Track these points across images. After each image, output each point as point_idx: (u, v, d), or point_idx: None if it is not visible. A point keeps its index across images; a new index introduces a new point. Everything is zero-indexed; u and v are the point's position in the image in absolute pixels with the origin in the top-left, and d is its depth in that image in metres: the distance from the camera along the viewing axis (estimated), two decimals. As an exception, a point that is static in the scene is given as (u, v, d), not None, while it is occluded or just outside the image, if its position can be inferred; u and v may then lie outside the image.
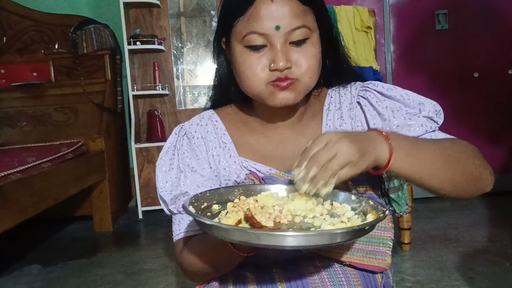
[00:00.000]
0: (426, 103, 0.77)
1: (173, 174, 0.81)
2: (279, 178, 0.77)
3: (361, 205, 0.64)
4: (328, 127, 0.82)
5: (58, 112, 3.09)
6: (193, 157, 0.81)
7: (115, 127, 3.18)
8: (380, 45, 3.07)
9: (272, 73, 0.71)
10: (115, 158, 3.10)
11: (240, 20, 0.73)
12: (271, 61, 0.71)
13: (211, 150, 0.82)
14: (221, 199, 0.68)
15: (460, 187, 0.68)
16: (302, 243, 0.50)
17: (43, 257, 2.37)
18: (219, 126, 0.84)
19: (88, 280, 2.01)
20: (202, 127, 0.84)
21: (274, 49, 0.71)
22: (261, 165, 0.80)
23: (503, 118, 3.12)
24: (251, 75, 0.73)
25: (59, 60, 3.19)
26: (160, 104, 3.43)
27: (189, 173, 0.80)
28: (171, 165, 0.81)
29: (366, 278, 0.75)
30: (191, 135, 0.83)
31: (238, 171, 0.80)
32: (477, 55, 3.11)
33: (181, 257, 0.79)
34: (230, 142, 0.82)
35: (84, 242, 2.67)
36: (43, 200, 2.06)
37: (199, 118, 0.86)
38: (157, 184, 0.82)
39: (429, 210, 2.82)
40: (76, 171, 2.49)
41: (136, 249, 2.44)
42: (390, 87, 0.79)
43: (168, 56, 3.43)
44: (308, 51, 0.73)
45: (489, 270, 1.81)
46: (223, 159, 0.81)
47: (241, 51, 0.74)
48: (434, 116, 0.77)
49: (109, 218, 2.86)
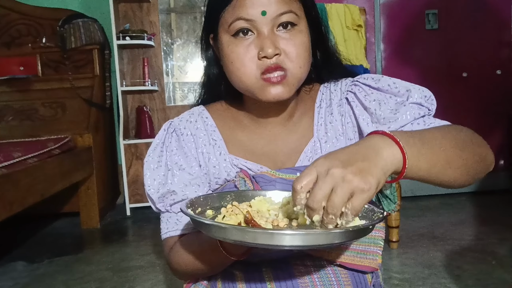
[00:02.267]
0: (413, 89, 0.74)
1: (161, 172, 0.79)
2: (270, 176, 0.76)
3: None
4: (320, 125, 0.80)
5: (45, 107, 3.05)
6: (181, 155, 0.80)
7: (104, 123, 3.14)
8: (370, 44, 3.08)
9: (262, 62, 0.69)
10: (103, 154, 3.07)
11: (226, 9, 0.72)
12: (259, 49, 0.69)
13: (201, 148, 0.80)
14: (214, 204, 0.67)
15: (473, 170, 0.64)
16: (302, 243, 0.49)
17: (28, 254, 2.33)
18: (209, 123, 0.82)
19: (74, 277, 1.99)
20: (191, 124, 0.82)
21: (262, 36, 0.70)
22: (252, 163, 0.79)
23: (491, 118, 3.15)
24: (240, 65, 0.71)
25: (47, 54, 3.14)
26: (149, 100, 3.41)
27: (177, 171, 0.79)
28: (159, 162, 0.80)
29: (356, 278, 0.74)
30: (180, 132, 0.81)
31: (228, 169, 0.79)
32: (466, 55, 3.13)
33: (170, 256, 0.79)
34: (220, 139, 0.81)
35: (70, 239, 2.64)
36: (29, 196, 2.03)
37: (188, 114, 0.84)
38: (145, 181, 0.80)
39: (417, 208, 2.84)
40: (63, 167, 2.46)
41: (123, 246, 2.42)
42: (378, 78, 0.77)
43: (158, 52, 3.40)
44: (297, 38, 0.71)
45: (476, 267, 1.83)
46: (213, 156, 0.80)
47: (229, 41, 0.72)
48: (423, 102, 0.74)
49: (97, 215, 2.83)
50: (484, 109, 3.14)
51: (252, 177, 0.77)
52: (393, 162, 0.53)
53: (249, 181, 0.76)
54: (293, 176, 0.74)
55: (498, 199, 3.04)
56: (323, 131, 0.80)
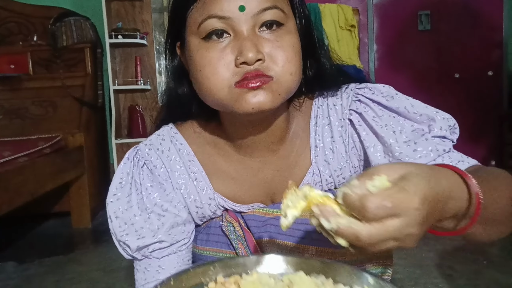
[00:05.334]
0: (437, 118, 0.60)
1: (134, 214, 0.65)
2: (263, 216, 0.66)
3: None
4: (318, 149, 0.66)
5: (36, 106, 3.01)
6: (161, 193, 0.66)
7: (95, 122, 3.12)
8: (363, 44, 3.09)
9: (239, 70, 0.55)
10: (94, 154, 3.05)
11: (194, 6, 0.58)
12: (237, 53, 0.55)
13: (178, 184, 0.67)
14: (197, 281, 0.51)
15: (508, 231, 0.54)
16: None
17: (19, 254, 2.31)
18: (185, 151, 0.68)
19: (65, 277, 1.96)
20: (164, 154, 0.67)
21: (240, 37, 0.56)
22: (241, 205, 0.68)
23: (483, 119, 3.17)
24: (211, 73, 0.56)
25: (38, 53, 3.11)
26: (141, 100, 3.38)
27: (160, 213, 0.65)
28: (129, 202, 0.66)
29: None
30: (152, 165, 0.67)
31: (214, 208, 0.68)
32: (458, 56, 3.15)
33: None
34: (201, 171, 0.67)
35: (61, 239, 2.61)
36: (19, 195, 2.00)
37: (158, 139, 0.69)
38: (112, 227, 0.66)
39: (409, 209, 2.85)
40: (54, 166, 2.43)
41: (114, 246, 2.38)
42: (391, 95, 0.62)
43: (151, 51, 3.38)
44: (285, 40, 0.57)
45: (467, 267, 1.84)
46: (194, 195, 0.67)
47: (198, 46, 0.58)
48: (447, 134, 0.60)
49: (88, 215, 2.80)
50: (475, 110, 3.16)
51: (241, 217, 0.68)
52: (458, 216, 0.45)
53: (238, 226, 0.67)
54: None
55: (489, 199, 3.06)
56: (322, 157, 0.66)
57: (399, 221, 0.39)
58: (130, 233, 0.65)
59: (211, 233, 0.70)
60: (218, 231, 0.69)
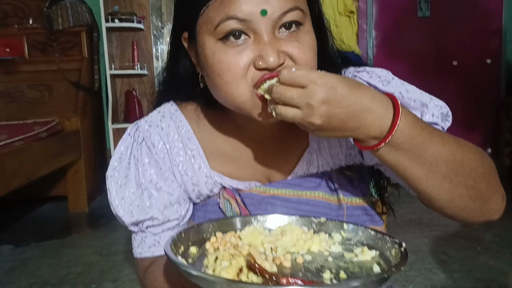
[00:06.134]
0: (430, 105, 0.61)
1: (130, 190, 0.67)
2: (259, 194, 0.67)
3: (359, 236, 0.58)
4: None
5: (31, 89, 2.99)
6: (156, 171, 0.67)
7: (92, 107, 3.10)
8: (362, 31, 3.07)
9: (260, 73, 0.55)
10: (91, 138, 3.04)
11: (211, 4, 0.55)
12: (257, 57, 0.54)
13: (176, 162, 0.67)
14: (196, 239, 0.57)
15: (462, 203, 0.55)
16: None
17: (14, 238, 2.31)
18: (184, 128, 0.68)
19: (61, 260, 1.97)
20: (163, 131, 0.68)
21: (260, 40, 0.54)
22: (238, 181, 0.68)
23: (479, 107, 3.17)
24: (231, 79, 0.55)
25: (33, 36, 3.08)
26: (138, 84, 3.37)
27: (154, 191, 0.66)
28: (127, 177, 0.67)
29: None
30: (150, 142, 0.67)
31: (210, 186, 0.68)
32: (457, 43, 3.14)
33: (144, 278, 0.70)
34: (198, 149, 0.68)
35: (58, 223, 2.62)
36: (15, 179, 2.00)
37: (158, 116, 0.69)
38: (111, 200, 0.67)
39: (405, 195, 2.85)
40: (50, 150, 2.43)
41: (111, 230, 2.41)
42: (387, 79, 0.63)
43: (148, 35, 3.35)
44: (304, 41, 0.56)
45: (461, 253, 1.86)
46: (191, 172, 0.67)
47: (215, 48, 0.56)
48: (439, 121, 0.61)
49: (85, 199, 2.81)
50: (474, 98, 3.16)
51: (239, 195, 0.68)
52: (382, 123, 0.50)
53: (235, 204, 0.67)
54: (287, 191, 0.67)
55: (484, 187, 3.08)
56: (318, 137, 0.67)
57: (303, 90, 0.48)
58: (124, 209, 0.66)
59: (208, 210, 0.70)
60: (216, 209, 0.69)
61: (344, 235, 0.59)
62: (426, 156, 0.52)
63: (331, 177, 0.69)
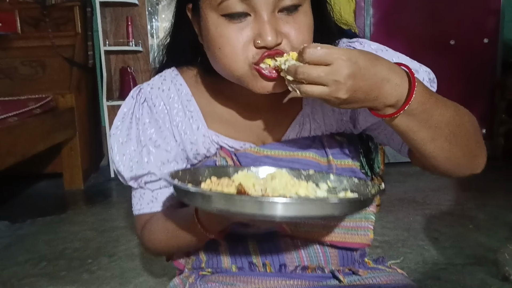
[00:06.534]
0: (420, 70, 0.68)
1: (131, 147, 0.71)
2: (254, 154, 0.70)
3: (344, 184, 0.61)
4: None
5: (25, 66, 2.95)
6: (156, 129, 0.71)
7: (86, 83, 3.07)
8: (359, 8, 3.03)
9: (258, 51, 0.58)
10: (86, 115, 3.02)
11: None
12: (256, 35, 0.58)
13: (176, 121, 0.71)
14: (192, 179, 0.61)
15: (456, 160, 0.60)
16: (297, 213, 0.45)
17: (10, 214, 2.32)
18: (183, 91, 0.72)
19: (57, 236, 1.99)
20: (164, 93, 0.72)
21: (260, 19, 0.57)
22: (234, 140, 0.71)
23: (477, 87, 3.17)
24: (230, 52, 0.59)
25: (26, 11, 3.02)
26: (133, 61, 3.33)
27: (152, 148, 0.70)
28: (129, 135, 0.72)
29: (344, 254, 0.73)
30: (152, 103, 0.71)
31: (208, 145, 0.72)
32: (455, 22, 3.11)
33: (143, 233, 0.74)
34: (197, 110, 0.71)
35: (53, 200, 2.63)
36: (10, 155, 1.99)
37: (160, 80, 0.74)
38: (113, 156, 0.72)
39: (399, 174, 2.89)
40: (45, 127, 2.41)
41: (107, 207, 2.42)
42: (380, 48, 0.68)
43: (142, 11, 3.30)
44: (302, 22, 0.60)
45: (453, 231, 1.88)
46: (190, 131, 0.71)
47: (217, 22, 0.59)
48: (428, 85, 0.67)
49: (80, 176, 2.81)
50: (470, 77, 3.16)
51: (234, 155, 0.71)
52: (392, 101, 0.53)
53: (231, 162, 0.70)
54: (279, 152, 0.70)
55: (478, 167, 3.10)
56: (312, 103, 0.71)
57: (328, 68, 0.49)
58: (125, 164, 0.71)
59: None
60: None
61: (330, 185, 0.63)
62: (432, 120, 0.56)
63: (322, 141, 0.72)
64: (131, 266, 1.65)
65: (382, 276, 0.70)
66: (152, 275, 1.57)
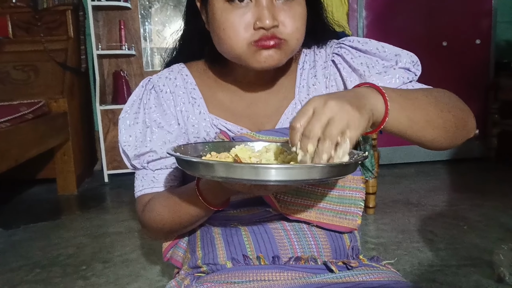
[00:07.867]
0: (402, 54, 0.76)
1: (137, 129, 0.78)
2: (250, 138, 0.75)
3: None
4: (302, 86, 0.79)
5: (17, 70, 2.93)
6: (160, 112, 0.78)
7: (79, 88, 3.06)
8: (352, 10, 3.04)
9: (257, 32, 0.67)
10: (79, 120, 3.00)
11: None
12: (256, 19, 0.66)
13: (180, 106, 0.79)
14: (192, 153, 0.66)
15: (452, 133, 0.66)
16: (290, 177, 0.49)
17: (4, 220, 2.30)
18: (189, 81, 0.81)
19: (51, 242, 1.97)
20: (171, 81, 0.80)
21: (260, 5, 0.66)
22: (232, 124, 0.77)
23: (469, 88, 3.19)
24: (233, 34, 0.67)
25: (18, 15, 3.00)
26: (126, 65, 3.32)
27: (156, 129, 0.77)
28: (136, 119, 0.79)
29: (334, 240, 0.75)
30: (159, 88, 0.80)
31: (208, 129, 0.78)
32: (447, 24, 3.13)
33: (144, 213, 0.78)
34: (200, 97, 0.79)
35: (47, 205, 2.61)
36: (2, 161, 1.97)
37: (168, 71, 0.82)
38: (120, 138, 0.79)
39: (393, 176, 2.89)
40: (38, 132, 2.40)
41: (101, 212, 2.40)
42: (366, 41, 0.77)
43: (135, 15, 3.29)
44: (296, 11, 0.69)
45: (448, 232, 1.89)
46: (192, 115, 0.78)
47: (222, 8, 0.68)
48: (411, 67, 0.75)
49: (74, 181, 2.79)
50: (463, 79, 3.17)
51: (232, 138, 0.76)
52: (377, 109, 0.57)
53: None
54: (274, 138, 0.74)
55: (471, 167, 3.12)
56: (305, 93, 0.79)
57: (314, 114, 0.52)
58: (130, 144, 0.78)
59: None
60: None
61: None
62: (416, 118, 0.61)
63: None
64: (126, 272, 1.64)
65: (376, 273, 0.71)
66: (147, 280, 1.56)
